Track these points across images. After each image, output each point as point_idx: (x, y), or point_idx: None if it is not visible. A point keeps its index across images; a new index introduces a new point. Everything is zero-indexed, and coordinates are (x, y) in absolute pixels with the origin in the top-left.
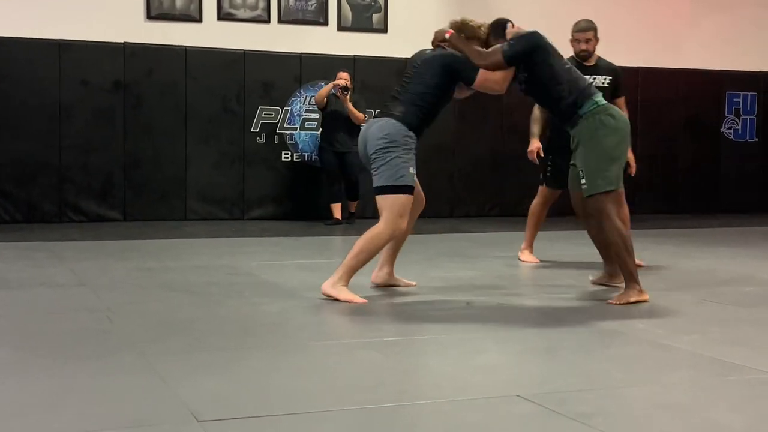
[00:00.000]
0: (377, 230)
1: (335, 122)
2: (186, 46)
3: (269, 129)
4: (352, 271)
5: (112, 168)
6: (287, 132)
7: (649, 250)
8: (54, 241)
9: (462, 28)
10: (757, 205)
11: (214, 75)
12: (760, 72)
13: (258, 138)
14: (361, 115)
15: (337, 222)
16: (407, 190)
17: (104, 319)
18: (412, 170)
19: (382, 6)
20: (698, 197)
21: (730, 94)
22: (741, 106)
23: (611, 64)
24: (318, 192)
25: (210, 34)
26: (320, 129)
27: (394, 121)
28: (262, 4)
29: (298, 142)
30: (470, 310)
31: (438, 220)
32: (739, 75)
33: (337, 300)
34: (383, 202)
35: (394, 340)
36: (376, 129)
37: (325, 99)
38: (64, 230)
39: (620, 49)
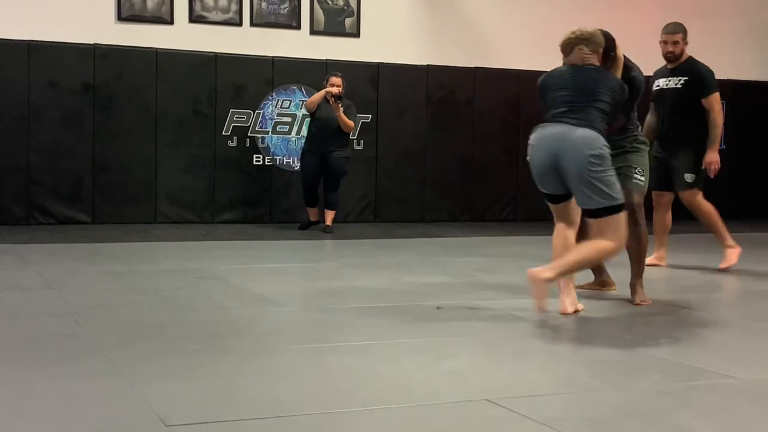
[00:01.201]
0: (608, 246)
1: (324, 128)
2: (157, 49)
3: (240, 132)
4: (567, 273)
5: (81, 170)
6: (259, 135)
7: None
8: (21, 243)
9: (590, 39)
10: (726, 212)
11: (185, 77)
12: (728, 80)
13: (229, 141)
14: (351, 123)
15: (312, 223)
16: (624, 206)
17: (72, 323)
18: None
19: (355, 10)
20: None
21: None
22: None
23: (695, 65)
24: (290, 196)
25: (181, 36)
26: (307, 132)
27: (595, 133)
28: (234, 7)
29: (270, 145)
30: (440, 315)
31: (409, 225)
32: None
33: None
34: (607, 223)
35: (364, 344)
36: (581, 140)
37: (317, 105)
38: (32, 233)
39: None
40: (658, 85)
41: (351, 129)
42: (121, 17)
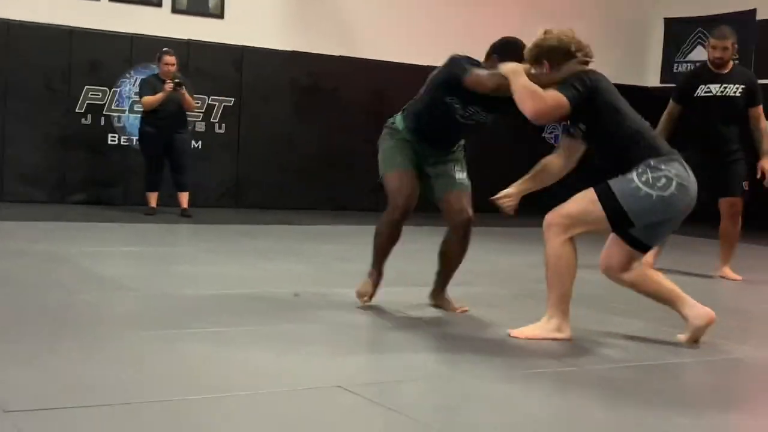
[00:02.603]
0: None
1: (165, 106)
2: (8, 20)
3: (96, 110)
4: None
5: None
6: (115, 114)
7: (484, 248)
8: None
9: None
10: None
11: (38, 51)
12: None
13: (83, 119)
14: (194, 104)
15: (153, 211)
16: None
17: None
18: None
19: None
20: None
21: None
22: None
23: (746, 71)
24: (145, 178)
25: (34, 8)
26: (144, 114)
27: None
28: None
29: (127, 125)
30: (298, 302)
31: (270, 212)
32: None
33: None
34: None
35: (218, 330)
36: None
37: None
38: None
39: (452, 50)
40: (709, 91)
41: (193, 108)
42: None
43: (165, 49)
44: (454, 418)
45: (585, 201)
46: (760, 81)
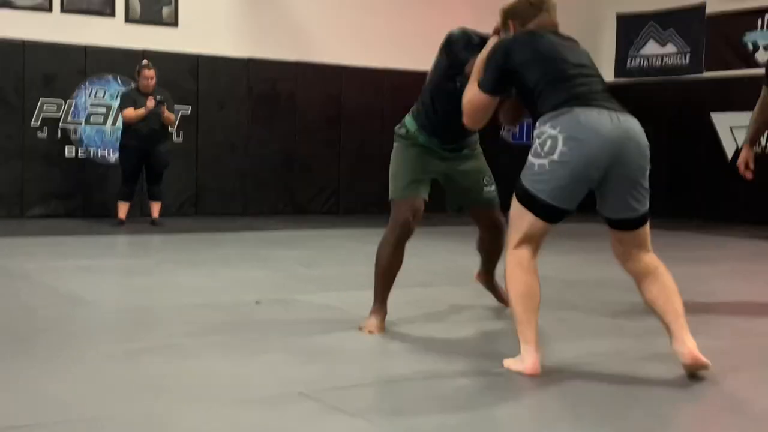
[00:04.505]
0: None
1: (147, 123)
2: None
3: (51, 123)
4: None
5: None
6: (71, 126)
7: (446, 248)
8: None
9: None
10: None
11: None
12: None
13: (39, 132)
14: (173, 119)
15: (121, 222)
16: None
17: None
18: None
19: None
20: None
21: None
22: None
23: None
24: (104, 189)
25: None
26: (125, 127)
27: None
28: None
29: (83, 137)
30: (258, 309)
31: (230, 219)
32: None
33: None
34: (647, 229)
35: (177, 342)
36: (642, 134)
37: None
38: None
39: (407, 53)
40: None
41: (173, 123)
42: None
43: (144, 62)
44: (414, 421)
45: (512, 203)
46: (711, 74)
